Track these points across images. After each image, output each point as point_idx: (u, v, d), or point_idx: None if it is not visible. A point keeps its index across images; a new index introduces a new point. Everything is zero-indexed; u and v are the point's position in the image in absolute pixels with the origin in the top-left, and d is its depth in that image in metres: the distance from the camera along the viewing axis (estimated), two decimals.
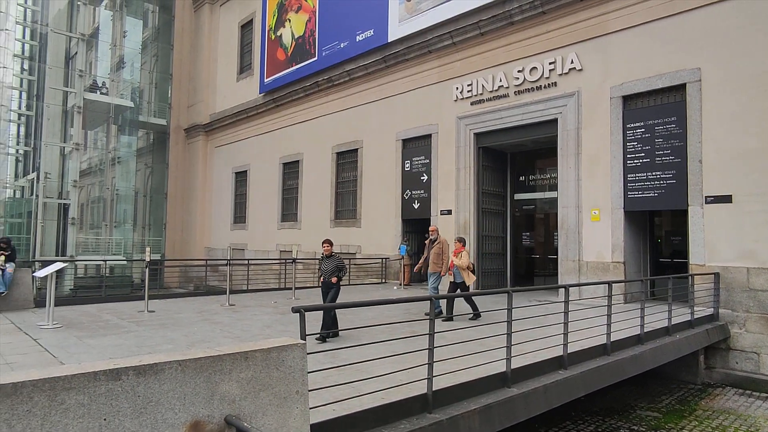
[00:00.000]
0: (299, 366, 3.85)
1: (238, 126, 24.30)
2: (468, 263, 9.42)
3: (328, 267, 8.25)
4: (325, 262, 8.36)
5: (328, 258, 8.35)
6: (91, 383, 2.78)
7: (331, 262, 8.26)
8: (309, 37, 20.33)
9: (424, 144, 15.81)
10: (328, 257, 8.35)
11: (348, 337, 7.69)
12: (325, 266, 8.32)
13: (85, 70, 23.07)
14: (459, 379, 5.22)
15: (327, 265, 8.30)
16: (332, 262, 8.26)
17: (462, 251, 9.51)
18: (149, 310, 10.60)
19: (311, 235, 19.49)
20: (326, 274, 8.23)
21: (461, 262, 9.36)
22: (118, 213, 24.69)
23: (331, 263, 8.25)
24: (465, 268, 9.36)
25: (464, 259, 9.39)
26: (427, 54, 15.53)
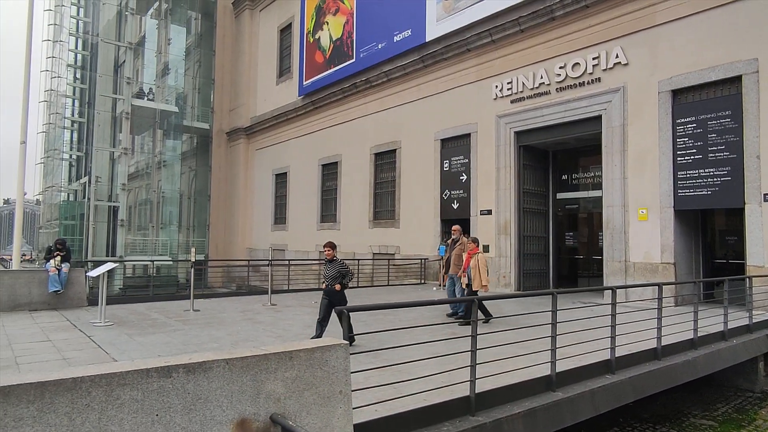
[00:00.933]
0: (342, 366, 3.86)
1: (277, 128, 24.71)
2: (485, 265, 9.02)
3: (330, 272, 7.57)
4: (327, 267, 7.66)
5: (330, 263, 7.65)
6: (144, 380, 2.86)
7: (333, 268, 7.58)
8: (347, 39, 20.47)
9: (463, 143, 15.65)
10: (330, 262, 7.65)
11: (389, 338, 7.68)
12: (326, 271, 7.62)
13: (133, 78, 23.97)
14: (502, 381, 5.13)
15: (328, 271, 7.59)
16: (334, 267, 7.59)
17: (477, 252, 9.11)
18: (195, 309, 10.89)
19: (350, 236, 19.62)
20: (328, 279, 7.57)
21: (479, 264, 8.92)
22: (164, 215, 25.52)
23: (333, 268, 7.57)
24: (483, 269, 8.90)
25: (482, 260, 8.97)
26: (466, 53, 15.38)
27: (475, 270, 8.83)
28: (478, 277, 8.79)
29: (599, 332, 6.29)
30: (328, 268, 7.61)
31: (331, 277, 7.54)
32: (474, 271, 8.83)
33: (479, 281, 8.80)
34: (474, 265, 8.85)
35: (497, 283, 14.24)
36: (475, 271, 8.82)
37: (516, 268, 13.96)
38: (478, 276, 8.80)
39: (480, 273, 8.80)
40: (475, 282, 8.80)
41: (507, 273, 14.06)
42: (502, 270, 14.17)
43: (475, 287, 8.83)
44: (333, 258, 7.64)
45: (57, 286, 10.96)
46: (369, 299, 12.87)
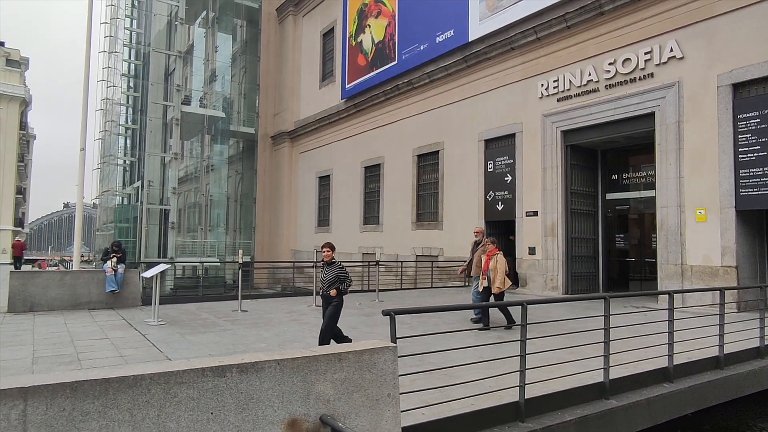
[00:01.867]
0: (390, 369, 3.85)
1: (321, 132, 25.03)
2: (505, 267, 8.74)
3: (327, 276, 6.96)
4: (325, 270, 7.04)
5: (329, 266, 7.03)
6: (200, 379, 2.93)
7: (331, 271, 6.97)
8: (389, 41, 20.52)
9: (508, 144, 15.38)
10: (329, 264, 7.04)
11: (433, 341, 7.60)
12: (324, 275, 7.02)
13: (182, 85, 24.81)
14: (552, 388, 5.00)
15: (326, 274, 7.00)
16: (332, 270, 6.98)
17: (497, 253, 8.84)
18: (242, 309, 11.14)
19: (393, 238, 19.62)
20: (325, 284, 6.97)
21: (498, 265, 8.66)
22: (212, 217, 26.27)
23: (331, 272, 6.96)
24: (503, 272, 8.64)
25: (501, 262, 8.70)
26: (510, 51, 15.12)
27: (494, 272, 8.65)
28: (498, 279, 8.61)
29: (655, 338, 6.04)
30: (326, 271, 7.00)
31: (329, 281, 6.93)
32: (493, 273, 8.65)
33: (506, 286, 8.63)
34: (493, 267, 8.65)
35: (544, 286, 13.91)
36: (495, 273, 8.64)
37: (563, 271, 13.59)
38: (502, 279, 8.62)
39: (498, 275, 8.59)
40: (494, 284, 8.61)
41: (554, 276, 13.71)
42: (549, 273, 13.83)
43: (494, 290, 8.64)
44: (332, 260, 7.06)
45: (114, 286, 11.45)
46: (413, 302, 12.82)
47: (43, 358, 6.71)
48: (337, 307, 6.90)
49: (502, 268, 8.60)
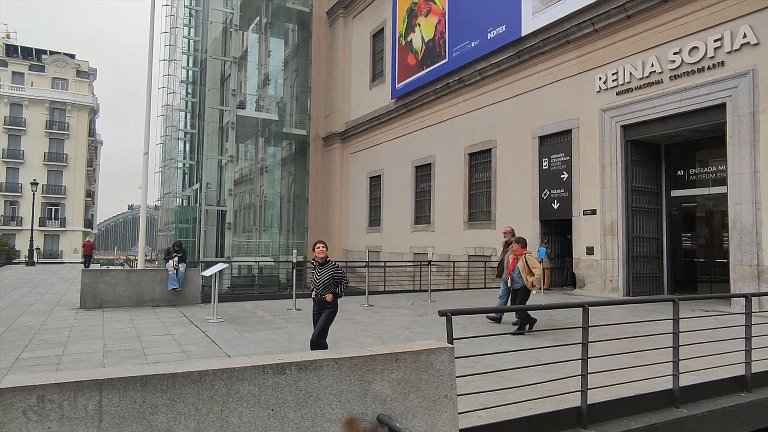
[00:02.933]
0: (448, 370, 3.80)
1: (371, 132, 25.16)
2: (535, 265, 8.33)
3: (322, 278, 6.14)
4: (318, 270, 6.21)
5: (322, 265, 6.22)
6: (261, 375, 2.97)
7: (326, 272, 6.15)
8: (439, 40, 20.36)
9: (563, 140, 14.91)
10: (322, 264, 6.22)
11: (488, 342, 7.45)
12: (319, 276, 6.17)
13: (237, 90, 25.58)
14: (616, 393, 4.79)
15: (321, 275, 6.16)
16: (326, 271, 6.15)
17: (524, 253, 8.48)
18: (297, 308, 11.33)
19: (445, 238, 19.45)
20: (319, 286, 6.13)
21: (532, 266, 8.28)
22: (266, 218, 26.94)
23: (325, 272, 6.14)
24: (533, 273, 8.25)
25: (530, 260, 8.32)
26: (565, 45, 14.64)
27: (524, 272, 8.34)
28: (529, 278, 8.30)
29: (729, 344, 5.66)
30: (320, 271, 6.18)
31: (324, 283, 6.12)
32: (524, 273, 8.35)
33: (531, 281, 8.31)
34: (522, 267, 8.34)
35: (603, 288, 13.38)
36: (524, 273, 8.34)
37: (624, 272, 13.01)
38: (529, 277, 8.29)
39: (526, 274, 8.28)
40: (527, 282, 8.31)
41: (614, 277, 13.16)
42: (608, 273, 13.29)
43: (527, 285, 8.37)
44: (326, 259, 6.26)
45: (175, 284, 11.93)
46: (466, 302, 12.65)
47: (112, 352, 7.06)
48: (331, 313, 6.14)
49: (533, 266, 8.27)
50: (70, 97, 57.13)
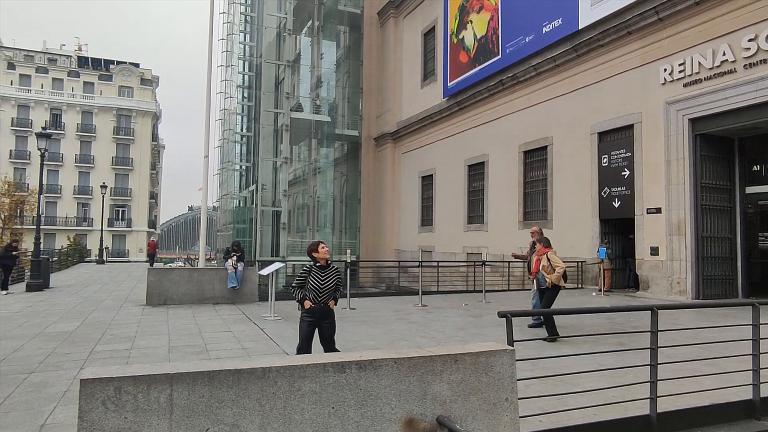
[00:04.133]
0: (508, 373, 3.71)
1: (423, 132, 25.06)
2: (557, 262, 7.90)
3: (328, 283, 5.45)
4: (321, 274, 5.44)
5: (324, 269, 5.49)
6: (322, 373, 2.99)
7: (331, 275, 5.50)
8: (492, 36, 20.02)
9: (625, 136, 14.28)
10: (324, 268, 5.49)
11: (546, 345, 7.24)
12: (323, 281, 5.43)
13: (291, 93, 26.15)
14: (687, 402, 4.54)
15: (326, 280, 5.44)
16: (332, 274, 5.50)
17: (547, 253, 8.07)
18: (351, 307, 11.43)
19: (499, 238, 19.09)
20: (323, 293, 5.43)
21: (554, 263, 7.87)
22: (319, 218, 27.39)
23: (331, 277, 5.49)
24: (555, 272, 7.83)
25: (554, 257, 7.93)
26: (626, 36, 14.03)
27: (546, 271, 7.98)
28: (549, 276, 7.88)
29: None
30: (324, 276, 5.44)
31: (330, 289, 5.47)
32: (545, 272, 7.98)
33: (553, 279, 7.87)
34: (544, 265, 7.99)
35: (669, 290, 12.71)
36: (546, 272, 7.97)
37: (693, 274, 12.31)
38: (549, 274, 7.87)
39: (548, 272, 7.88)
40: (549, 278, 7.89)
41: (681, 279, 12.47)
42: (675, 275, 12.61)
43: (547, 281, 7.97)
44: (328, 263, 5.58)
45: (234, 282, 12.31)
46: (522, 304, 12.35)
47: (177, 347, 7.36)
48: (334, 324, 5.61)
49: (560, 263, 7.89)
50: (135, 104, 60.31)
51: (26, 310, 11.19)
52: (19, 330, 8.75)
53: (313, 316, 5.41)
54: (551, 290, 7.96)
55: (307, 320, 5.45)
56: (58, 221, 55.27)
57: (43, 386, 5.39)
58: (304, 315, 5.48)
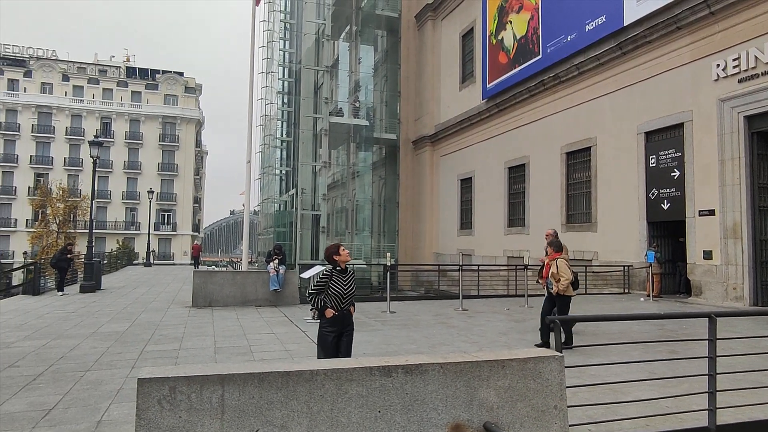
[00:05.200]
0: (557, 380, 3.62)
1: (461, 134, 24.86)
2: (570, 273, 7.30)
3: (350, 287, 5.11)
4: (342, 278, 5.08)
5: (345, 273, 5.14)
6: (368, 377, 2.98)
7: (351, 279, 5.17)
8: (532, 36, 19.68)
9: (674, 135, 13.75)
10: (344, 272, 5.14)
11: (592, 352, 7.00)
12: (345, 286, 5.07)
13: (329, 97, 26.44)
14: (750, 415, 4.31)
15: (348, 284, 5.10)
16: (351, 278, 5.18)
17: (557, 258, 7.47)
18: (391, 311, 11.41)
19: (541, 241, 18.64)
20: (346, 299, 5.07)
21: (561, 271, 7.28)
22: (357, 221, 27.54)
23: (352, 281, 5.17)
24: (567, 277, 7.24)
25: (562, 266, 7.32)
26: (675, 31, 13.51)
27: (554, 278, 7.38)
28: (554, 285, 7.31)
29: None
30: (346, 280, 5.09)
31: (353, 294, 5.15)
32: (553, 279, 7.40)
33: (559, 289, 7.29)
34: (554, 273, 7.41)
35: (724, 296, 12.13)
36: (553, 280, 7.38)
37: (750, 279, 11.70)
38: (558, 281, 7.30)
39: (562, 280, 7.28)
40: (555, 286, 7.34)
41: (738, 284, 11.87)
42: (730, 281, 12.02)
43: (553, 290, 7.39)
44: (347, 267, 5.26)
45: (276, 285, 12.50)
46: None
47: (222, 349, 7.51)
48: (353, 332, 5.24)
49: (566, 273, 7.32)
50: (179, 112, 62.41)
51: (80, 311, 11.69)
52: (75, 330, 9.14)
53: (334, 325, 5.01)
54: (561, 299, 7.40)
55: (329, 331, 5.01)
56: (108, 225, 57.66)
57: (99, 384, 5.60)
58: (325, 325, 5.02)
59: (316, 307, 5.13)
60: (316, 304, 5.06)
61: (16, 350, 7.37)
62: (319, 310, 5.06)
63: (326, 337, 5.02)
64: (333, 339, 5.01)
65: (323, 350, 5.05)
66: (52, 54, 63.40)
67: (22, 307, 12.44)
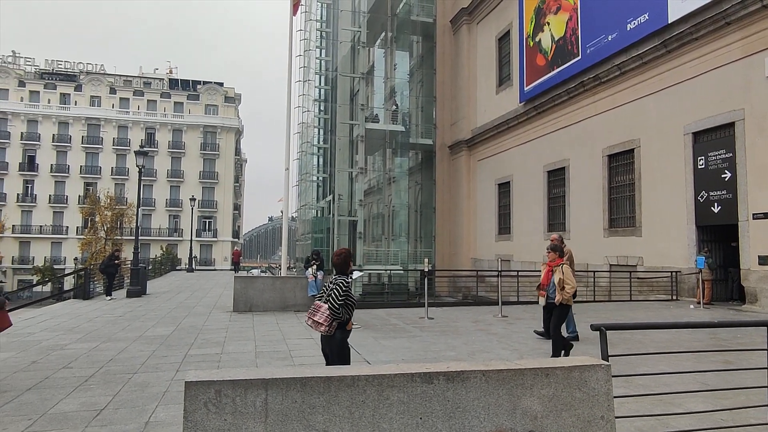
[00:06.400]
0: (604, 389, 3.51)
1: (499, 138, 24.56)
2: (570, 278, 6.81)
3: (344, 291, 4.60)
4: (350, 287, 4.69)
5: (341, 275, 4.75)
6: (409, 383, 2.96)
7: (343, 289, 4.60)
8: (570, 37, 19.29)
9: (725, 135, 13.18)
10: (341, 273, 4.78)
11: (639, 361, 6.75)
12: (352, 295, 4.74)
13: (365, 104, 26.61)
14: None
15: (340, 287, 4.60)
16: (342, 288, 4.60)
17: (561, 264, 6.95)
18: (429, 317, 11.33)
19: (582, 246, 18.20)
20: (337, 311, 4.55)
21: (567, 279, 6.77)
22: (394, 227, 27.53)
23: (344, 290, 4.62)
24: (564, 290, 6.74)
25: (568, 273, 6.82)
26: (724, 27, 12.98)
27: (558, 286, 6.87)
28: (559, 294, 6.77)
29: None
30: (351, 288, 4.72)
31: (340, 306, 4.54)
32: (558, 287, 6.87)
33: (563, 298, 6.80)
34: (558, 280, 6.87)
35: None
36: (558, 287, 6.86)
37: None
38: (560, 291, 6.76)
39: (566, 288, 6.78)
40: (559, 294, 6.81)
41: None
42: None
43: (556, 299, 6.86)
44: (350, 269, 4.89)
45: (314, 291, 12.59)
46: (609, 316, 11.69)
47: (263, 353, 7.62)
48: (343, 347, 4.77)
49: (572, 281, 6.84)
50: (219, 121, 64.12)
51: (127, 315, 12.10)
52: (123, 333, 9.46)
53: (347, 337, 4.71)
54: (561, 308, 6.87)
55: (347, 341, 4.76)
56: (152, 232, 59.64)
57: (146, 386, 5.77)
58: (345, 337, 4.69)
59: (344, 320, 4.57)
60: (344, 316, 4.54)
61: (69, 352, 7.69)
62: (345, 322, 4.60)
63: (347, 350, 4.75)
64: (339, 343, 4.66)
65: (346, 362, 4.73)
66: (101, 68, 66.32)
67: (74, 311, 12.98)
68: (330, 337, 4.59)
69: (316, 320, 4.54)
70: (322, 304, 4.59)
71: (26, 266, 55.40)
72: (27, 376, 6.25)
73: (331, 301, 4.49)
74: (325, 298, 4.60)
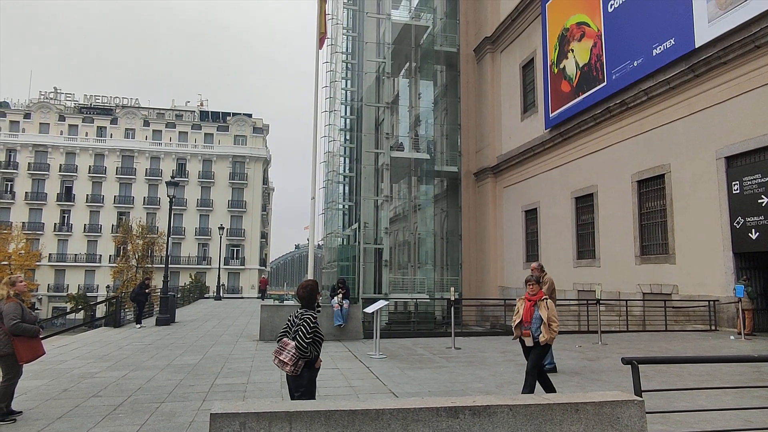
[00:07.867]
0: (638, 426, 3.40)
1: (524, 165, 24.43)
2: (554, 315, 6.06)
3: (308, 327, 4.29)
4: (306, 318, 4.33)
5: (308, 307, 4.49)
6: (434, 417, 2.90)
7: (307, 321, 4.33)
8: (595, 63, 19.26)
9: (760, 159, 12.84)
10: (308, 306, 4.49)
11: (677, 396, 6.47)
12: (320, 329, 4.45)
13: (390, 133, 26.88)
14: None
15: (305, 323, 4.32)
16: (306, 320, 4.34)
17: (543, 298, 6.14)
18: (456, 347, 11.13)
19: (613, 274, 17.79)
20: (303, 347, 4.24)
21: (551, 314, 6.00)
22: (420, 254, 27.38)
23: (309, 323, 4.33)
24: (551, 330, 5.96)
25: (551, 307, 6.06)
26: (754, 50, 12.79)
27: (545, 324, 5.96)
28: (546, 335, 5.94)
29: None
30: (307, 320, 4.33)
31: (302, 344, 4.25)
32: (544, 327, 5.95)
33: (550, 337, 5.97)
34: (546, 317, 5.96)
35: None
36: (544, 326, 5.95)
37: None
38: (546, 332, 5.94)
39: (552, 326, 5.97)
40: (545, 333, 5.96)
41: None
42: None
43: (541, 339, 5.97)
44: None
45: (340, 320, 12.56)
46: (644, 347, 11.28)
47: None
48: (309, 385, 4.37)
49: (555, 319, 6.05)
50: (248, 151, 65.57)
51: (156, 343, 12.25)
52: (151, 361, 9.57)
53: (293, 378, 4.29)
54: (543, 348, 6.09)
55: (315, 381, 4.43)
56: (182, 260, 60.69)
57: (172, 416, 5.79)
58: (313, 377, 4.38)
59: (311, 357, 4.24)
60: (312, 354, 4.25)
61: (99, 380, 7.80)
62: (311, 361, 4.26)
63: (313, 387, 4.38)
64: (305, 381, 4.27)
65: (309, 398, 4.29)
66: (135, 102, 68.96)
67: (104, 338, 13.21)
68: (297, 377, 4.22)
69: (281, 359, 4.20)
70: (289, 341, 4.25)
71: (61, 294, 56.87)
72: (58, 404, 6.36)
73: (299, 339, 4.17)
74: (292, 335, 4.26)
